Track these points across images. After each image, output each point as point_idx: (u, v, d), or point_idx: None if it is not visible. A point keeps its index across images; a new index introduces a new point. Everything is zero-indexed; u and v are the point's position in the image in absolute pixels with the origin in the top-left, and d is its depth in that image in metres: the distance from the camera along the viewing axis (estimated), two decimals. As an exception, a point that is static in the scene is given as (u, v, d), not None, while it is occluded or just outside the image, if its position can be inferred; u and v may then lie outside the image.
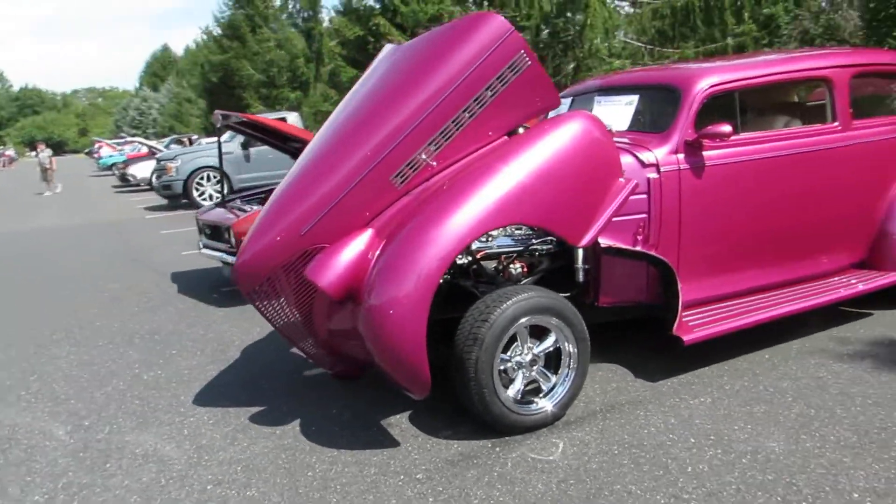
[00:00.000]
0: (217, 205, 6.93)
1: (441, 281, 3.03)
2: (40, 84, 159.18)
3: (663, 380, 3.67)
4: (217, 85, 32.91)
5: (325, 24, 29.14)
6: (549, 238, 3.65)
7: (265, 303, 3.40)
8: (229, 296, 6.28)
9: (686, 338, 3.49)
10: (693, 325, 3.62)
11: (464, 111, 3.24)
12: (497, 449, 3.07)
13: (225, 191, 7.57)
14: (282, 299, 3.36)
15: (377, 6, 20.93)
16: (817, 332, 4.19)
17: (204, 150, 14.56)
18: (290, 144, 7.06)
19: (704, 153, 3.71)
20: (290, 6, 31.25)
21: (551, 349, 3.24)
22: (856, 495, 2.53)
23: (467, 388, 3.05)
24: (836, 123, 4.08)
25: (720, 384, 3.57)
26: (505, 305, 3.05)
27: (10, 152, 59.43)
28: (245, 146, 14.42)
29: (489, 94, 3.25)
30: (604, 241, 3.50)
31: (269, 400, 3.81)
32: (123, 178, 22.01)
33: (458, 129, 3.25)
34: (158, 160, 15.21)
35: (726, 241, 3.86)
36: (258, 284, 3.32)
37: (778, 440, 2.96)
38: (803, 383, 3.52)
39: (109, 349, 4.96)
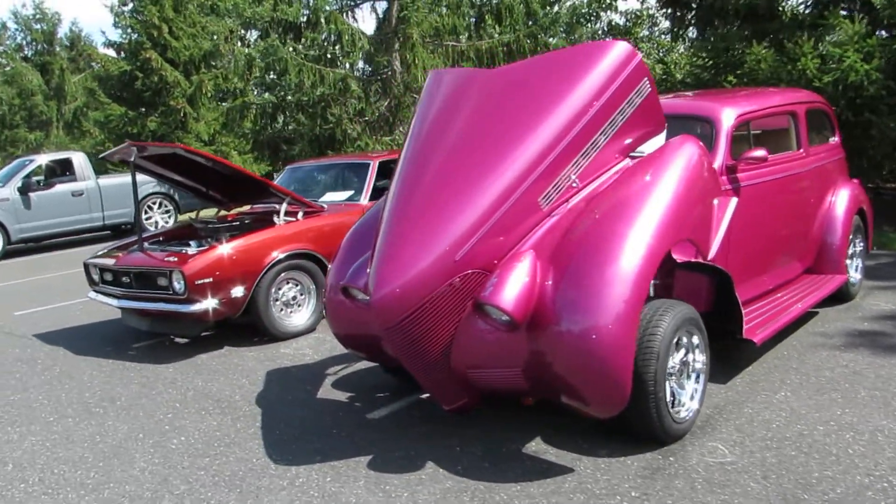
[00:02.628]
0: (119, 248, 5.96)
1: None
2: None
3: (732, 380, 4.01)
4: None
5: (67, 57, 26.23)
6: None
7: (402, 336, 3.10)
8: (154, 350, 5.44)
9: (756, 339, 3.88)
10: (750, 328, 4.02)
11: (600, 134, 3.34)
12: (671, 459, 3.14)
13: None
14: (425, 330, 3.10)
15: (146, 41, 19.41)
16: (794, 330, 4.87)
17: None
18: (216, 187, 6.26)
19: (738, 174, 4.20)
20: (19, 37, 27.65)
21: (693, 358, 3.41)
22: None
23: (644, 402, 3.09)
24: (801, 150, 4.86)
25: (780, 380, 4.00)
26: (669, 317, 3.17)
27: None
28: (23, 191, 12.47)
29: (620, 117, 3.38)
30: (677, 256, 3.77)
31: (369, 447, 3.43)
32: None
33: (595, 151, 3.33)
34: None
35: (753, 251, 4.36)
36: (405, 316, 3.03)
37: (885, 418, 3.44)
38: (838, 372, 4.09)
39: (80, 425, 4.04)
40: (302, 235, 5.65)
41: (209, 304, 5.06)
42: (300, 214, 5.84)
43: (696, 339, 3.40)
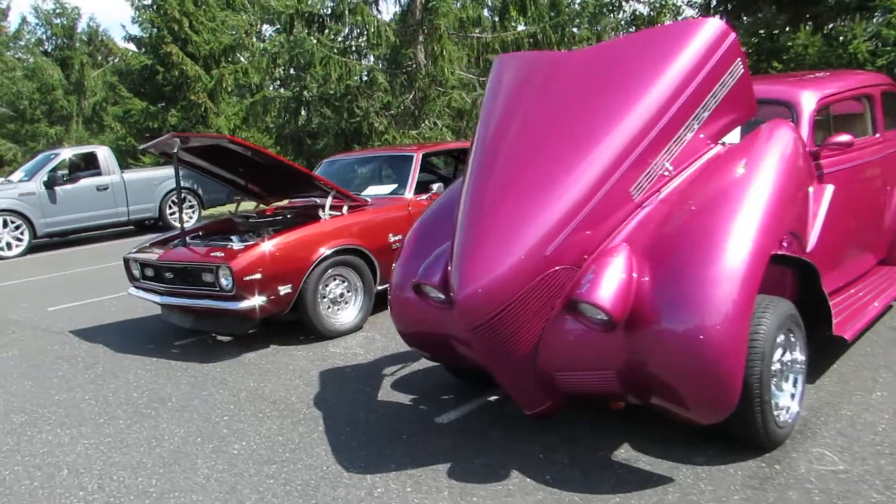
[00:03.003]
0: (158, 243, 5.79)
1: None
2: None
3: (820, 380, 3.78)
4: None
5: (87, 52, 26.18)
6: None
7: (488, 336, 2.90)
8: (197, 348, 5.27)
9: (847, 335, 3.65)
10: (839, 323, 3.79)
11: (693, 119, 3.12)
12: (776, 467, 2.92)
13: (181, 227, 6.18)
14: (512, 330, 2.89)
15: (167, 34, 19.25)
16: (871, 325, 4.62)
17: (-5, 191, 12.17)
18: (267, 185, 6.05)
19: (821, 161, 3.95)
20: (40, 32, 27.63)
21: (792, 358, 3.18)
22: None
23: (749, 406, 2.86)
24: (877, 135, 4.60)
25: (871, 379, 3.76)
26: (771, 314, 2.94)
27: None
28: (49, 185, 12.36)
29: (712, 101, 3.16)
30: (783, 251, 3.54)
31: (445, 454, 3.23)
32: None
33: (688, 137, 3.11)
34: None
35: (835, 243, 4.12)
36: (492, 315, 2.83)
37: None
38: (928, 370, 3.86)
39: (132, 427, 3.86)
40: (348, 230, 5.45)
41: (256, 301, 4.87)
42: (345, 209, 5.64)
43: (795, 338, 3.18)
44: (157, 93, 20.17)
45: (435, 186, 6.13)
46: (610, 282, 2.77)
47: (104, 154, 13.32)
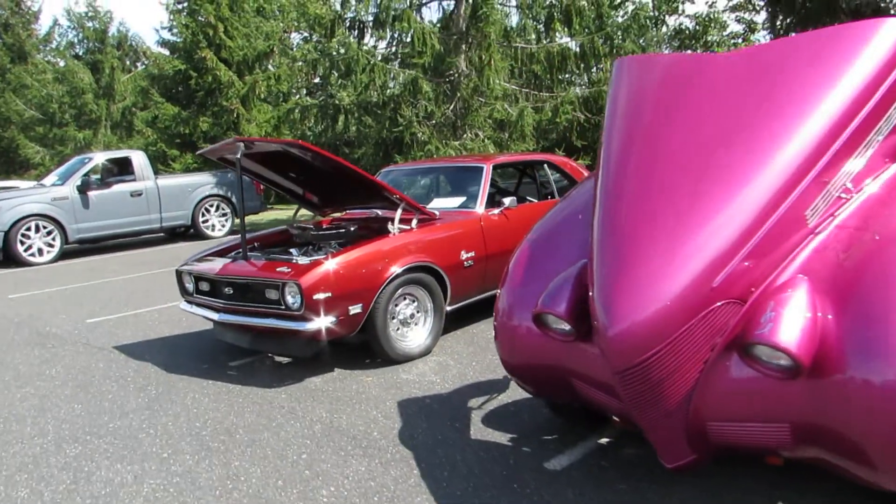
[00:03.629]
0: (215, 254, 5.43)
1: None
2: None
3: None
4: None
5: (116, 56, 26.11)
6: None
7: (639, 379, 2.48)
8: (255, 370, 4.88)
9: None
10: None
11: (875, 132, 2.69)
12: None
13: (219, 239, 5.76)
14: (667, 373, 2.47)
15: (202, 39, 19.06)
16: None
17: (27, 196, 11.91)
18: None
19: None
20: (71, 35, 27.63)
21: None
22: None
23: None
24: None
25: None
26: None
27: None
28: (82, 189, 12.09)
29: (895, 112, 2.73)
30: None
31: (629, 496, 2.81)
32: None
33: (868, 153, 2.69)
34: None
35: None
36: (649, 355, 2.41)
37: None
38: None
39: (201, 465, 3.46)
40: (420, 246, 5.05)
41: (324, 321, 4.48)
42: (414, 222, 5.25)
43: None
44: (188, 98, 20.01)
45: (507, 201, 5.72)
46: (794, 321, 2.34)
47: (139, 159, 13.05)
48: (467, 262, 5.30)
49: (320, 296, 4.43)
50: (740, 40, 18.06)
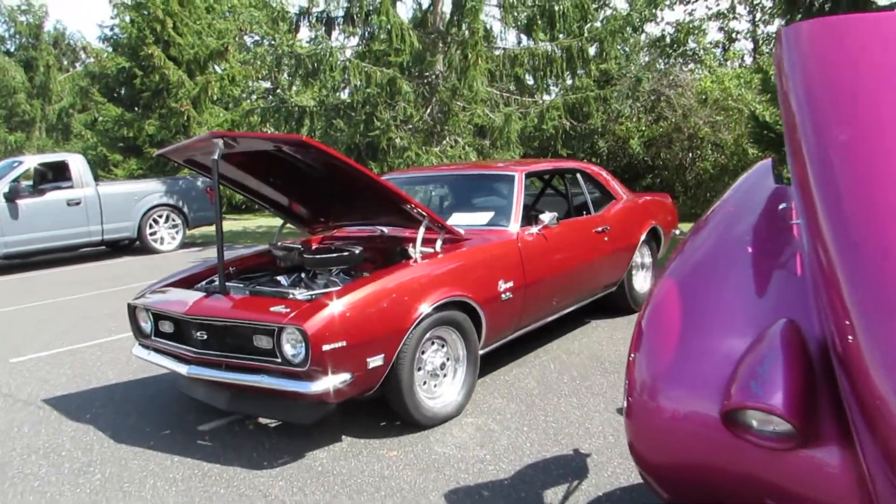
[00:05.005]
0: (177, 283, 4.21)
1: None
2: None
3: None
4: None
5: (53, 54, 24.23)
6: None
7: None
8: (235, 439, 3.69)
9: None
10: None
11: None
12: None
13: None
14: None
15: (149, 35, 17.54)
16: None
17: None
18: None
19: None
20: (1, 30, 25.58)
21: None
22: None
23: None
24: None
25: None
26: None
27: None
28: (10, 197, 10.57)
29: None
30: None
31: None
32: None
33: None
34: None
35: None
36: None
37: None
38: None
39: None
40: (451, 275, 3.94)
41: (335, 380, 3.32)
42: (438, 244, 4.14)
43: None
44: (133, 99, 18.50)
45: (546, 217, 4.64)
46: None
47: (77, 163, 11.54)
48: (505, 295, 4.21)
49: (331, 346, 3.27)
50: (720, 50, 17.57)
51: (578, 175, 5.70)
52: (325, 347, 3.26)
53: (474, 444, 3.53)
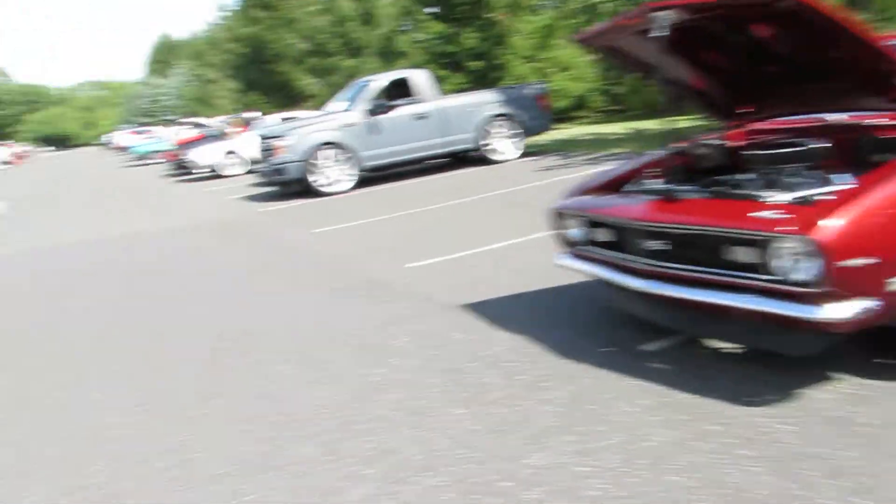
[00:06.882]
0: (602, 187, 3.78)
1: None
2: (41, 80, 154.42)
3: None
4: (248, 61, 29.83)
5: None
6: None
7: None
8: (690, 362, 3.18)
9: None
10: None
11: None
12: None
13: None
14: None
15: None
16: None
17: (320, 123, 11.37)
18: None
19: None
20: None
21: None
22: None
23: None
24: None
25: None
26: None
27: (22, 147, 57.48)
28: (373, 112, 11.19)
29: None
30: None
31: None
32: (181, 167, 18.93)
33: None
34: (263, 138, 11.98)
35: None
36: None
37: None
38: None
39: None
40: None
41: (856, 305, 2.60)
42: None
43: None
44: (451, 14, 18.83)
45: None
46: None
47: (422, 78, 11.93)
48: None
49: (853, 262, 2.55)
50: None
51: None
52: (844, 263, 2.54)
53: None
